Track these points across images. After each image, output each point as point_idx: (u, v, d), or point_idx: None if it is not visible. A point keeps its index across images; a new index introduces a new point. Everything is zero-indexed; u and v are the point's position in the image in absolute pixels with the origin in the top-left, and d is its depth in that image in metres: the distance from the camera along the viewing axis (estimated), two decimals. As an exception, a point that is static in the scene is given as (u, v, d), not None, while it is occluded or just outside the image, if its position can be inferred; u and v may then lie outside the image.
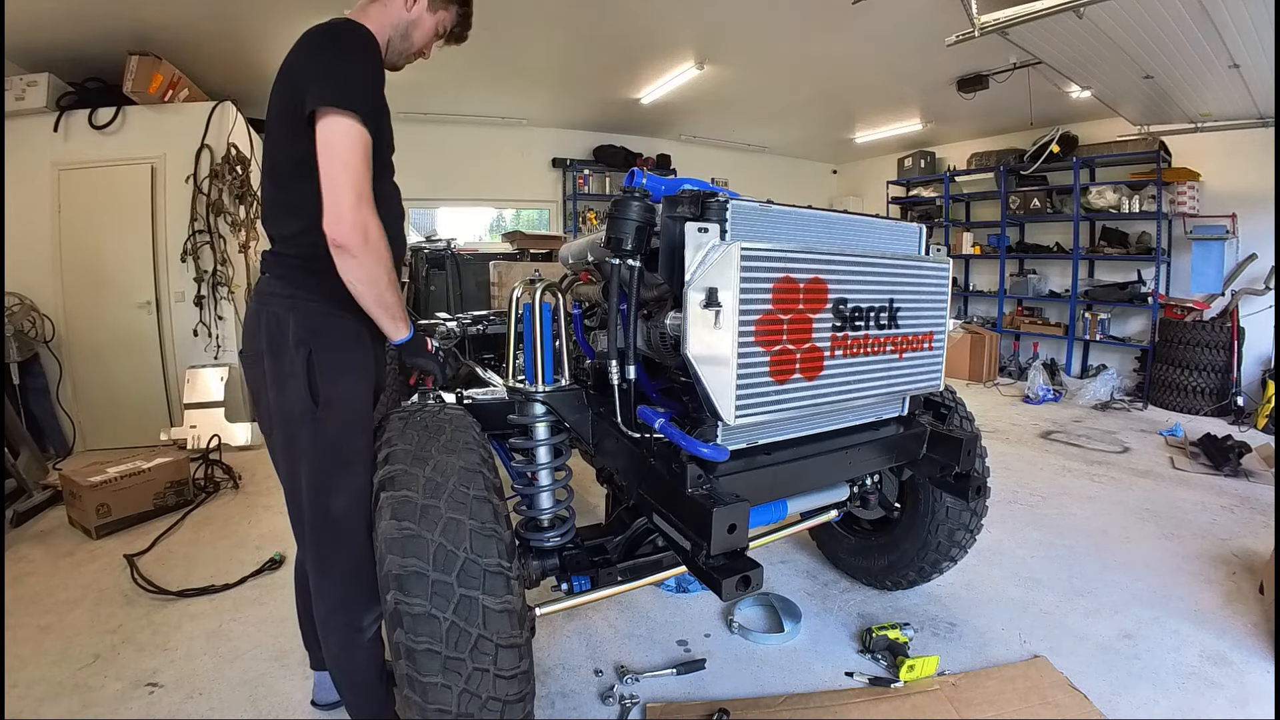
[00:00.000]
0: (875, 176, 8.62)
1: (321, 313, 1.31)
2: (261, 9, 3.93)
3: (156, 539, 2.84)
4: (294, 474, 1.35)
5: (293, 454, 1.33)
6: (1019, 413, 5.37)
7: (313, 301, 1.31)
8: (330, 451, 1.31)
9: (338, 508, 1.31)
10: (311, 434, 1.29)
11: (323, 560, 1.37)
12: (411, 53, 1.50)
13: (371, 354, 1.41)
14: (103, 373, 4.31)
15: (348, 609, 1.37)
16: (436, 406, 1.40)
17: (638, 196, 1.33)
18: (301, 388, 1.28)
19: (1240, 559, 2.59)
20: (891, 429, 1.67)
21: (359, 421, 1.35)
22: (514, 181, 7.40)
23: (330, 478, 1.31)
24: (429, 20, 1.47)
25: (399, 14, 1.42)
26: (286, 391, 1.30)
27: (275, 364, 1.31)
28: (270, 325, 1.31)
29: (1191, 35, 3.31)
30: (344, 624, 1.38)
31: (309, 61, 1.23)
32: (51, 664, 1.95)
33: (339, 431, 1.31)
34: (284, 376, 1.30)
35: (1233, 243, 5.39)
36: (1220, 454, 3.84)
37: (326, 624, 1.39)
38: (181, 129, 4.28)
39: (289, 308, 1.30)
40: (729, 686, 1.85)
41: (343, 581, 1.35)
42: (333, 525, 1.32)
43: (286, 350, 1.29)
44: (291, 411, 1.30)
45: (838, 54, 5.02)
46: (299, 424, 1.30)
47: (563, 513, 1.63)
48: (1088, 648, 2.02)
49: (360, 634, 1.39)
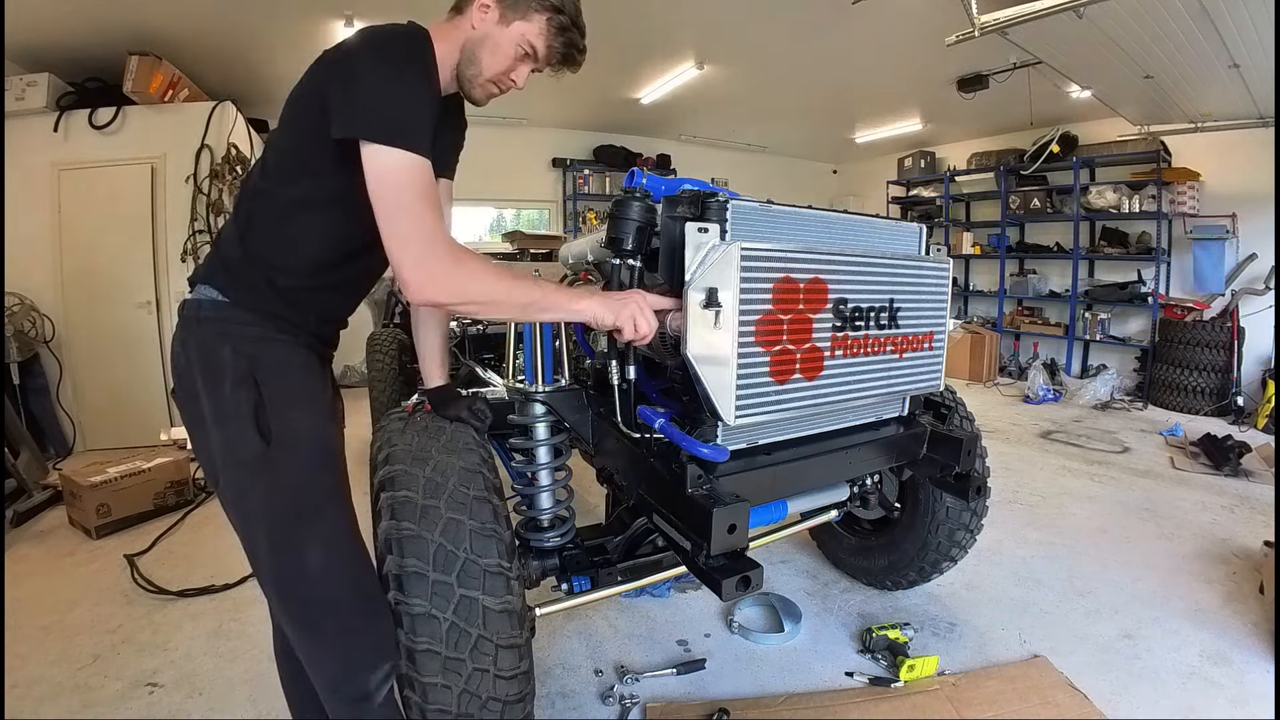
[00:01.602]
0: (875, 176, 8.62)
1: (257, 338, 1.12)
2: (262, 9, 3.93)
3: (156, 539, 2.84)
4: (250, 531, 1.12)
5: (245, 507, 1.11)
6: (1019, 413, 5.37)
7: (250, 326, 1.12)
8: (292, 499, 1.10)
9: (314, 563, 1.10)
10: (268, 481, 1.09)
11: (309, 626, 1.12)
12: (486, 79, 1.23)
13: (321, 380, 1.23)
14: (103, 373, 4.31)
15: (351, 678, 1.13)
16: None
17: (638, 196, 1.32)
18: (248, 427, 1.08)
19: (1240, 559, 2.59)
20: (892, 429, 1.67)
21: (321, 458, 1.15)
22: (514, 181, 7.40)
23: (297, 531, 1.10)
24: (503, 37, 1.19)
25: (465, 33, 1.20)
26: (229, 433, 1.09)
27: (213, 402, 1.10)
28: (203, 356, 1.11)
29: (1191, 35, 3.31)
30: (349, 696, 1.13)
31: (348, 77, 1.03)
32: (51, 664, 1.95)
33: (299, 473, 1.11)
34: (225, 416, 1.09)
35: (1233, 243, 5.39)
36: (1220, 454, 3.84)
37: (329, 701, 1.16)
38: (181, 129, 4.28)
39: (220, 335, 1.11)
40: (729, 686, 1.85)
41: (339, 644, 1.12)
42: (312, 585, 1.10)
43: (225, 384, 1.09)
44: (239, 457, 1.09)
45: (838, 54, 5.02)
46: (250, 471, 1.09)
47: (563, 513, 1.63)
48: (1088, 648, 2.02)
49: (369, 701, 1.14)
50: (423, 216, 1.00)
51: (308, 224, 1.16)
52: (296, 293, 1.17)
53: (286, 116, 1.15)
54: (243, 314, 1.13)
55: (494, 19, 1.19)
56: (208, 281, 1.16)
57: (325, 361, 1.28)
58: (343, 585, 1.12)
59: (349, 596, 1.12)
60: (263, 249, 1.15)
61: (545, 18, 1.19)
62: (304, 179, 1.13)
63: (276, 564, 1.11)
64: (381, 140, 0.99)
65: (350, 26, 4.19)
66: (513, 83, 1.27)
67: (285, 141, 1.15)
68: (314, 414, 1.17)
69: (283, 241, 1.15)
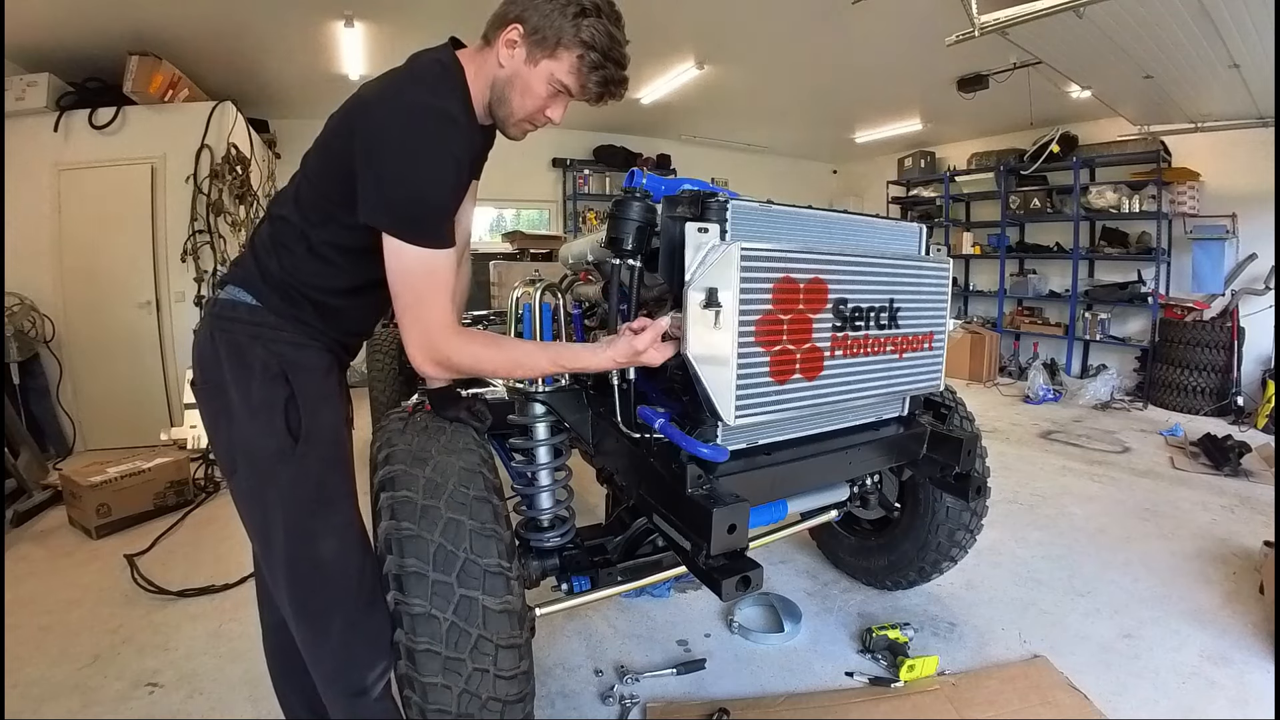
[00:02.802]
0: (875, 176, 8.62)
1: (291, 342, 1.18)
2: (262, 9, 3.93)
3: (156, 539, 2.84)
4: (267, 521, 1.16)
5: (265, 498, 1.15)
6: (1019, 413, 5.37)
7: (282, 331, 1.17)
8: (314, 491, 1.16)
9: (328, 552, 1.16)
10: (293, 473, 1.14)
11: (316, 617, 1.17)
12: (519, 119, 1.20)
13: (338, 384, 1.29)
14: (103, 373, 4.31)
15: (349, 672, 1.18)
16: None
17: (638, 196, 1.32)
18: (278, 421, 1.13)
19: (1240, 559, 2.59)
20: (892, 429, 1.67)
21: (340, 456, 1.22)
22: (514, 181, 7.39)
23: (314, 520, 1.16)
24: (532, 78, 1.13)
25: (493, 70, 1.16)
26: (258, 426, 1.13)
27: (243, 395, 1.14)
28: (232, 352, 1.15)
29: (1191, 35, 3.31)
30: (346, 690, 1.19)
31: (376, 160, 1.04)
32: (51, 664, 1.95)
33: (321, 468, 1.17)
34: (254, 409, 1.13)
35: (1233, 243, 5.39)
36: (1220, 454, 3.83)
37: (327, 694, 1.21)
38: (181, 129, 4.27)
39: (252, 336, 1.15)
40: (729, 686, 1.85)
41: (341, 638, 1.16)
42: (324, 574, 1.16)
43: (254, 379, 1.13)
44: (265, 448, 1.13)
45: (838, 54, 5.02)
46: (276, 462, 1.13)
47: (563, 513, 1.63)
48: (1088, 648, 2.02)
49: (366, 696, 1.20)
50: (433, 307, 1.09)
51: (339, 260, 1.20)
52: (327, 308, 1.23)
53: (321, 155, 1.17)
54: (275, 319, 1.18)
55: (521, 58, 1.13)
56: (243, 285, 1.20)
57: (344, 368, 1.34)
58: (350, 577, 1.18)
59: (355, 589, 1.18)
60: (297, 272, 1.19)
61: (576, 54, 1.12)
62: (335, 225, 1.16)
63: (292, 551, 1.15)
64: (401, 237, 1.05)
65: (350, 27, 4.18)
66: (549, 119, 1.22)
67: (320, 184, 1.16)
68: (336, 414, 1.24)
69: (315, 270, 1.20)
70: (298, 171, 1.23)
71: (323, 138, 1.17)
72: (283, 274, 1.18)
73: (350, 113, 1.11)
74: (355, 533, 1.22)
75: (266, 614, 1.40)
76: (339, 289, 1.22)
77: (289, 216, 1.19)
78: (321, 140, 1.17)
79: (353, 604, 1.17)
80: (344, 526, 1.19)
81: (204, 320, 1.22)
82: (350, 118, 1.10)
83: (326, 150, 1.15)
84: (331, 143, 1.14)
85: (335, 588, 1.16)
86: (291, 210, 1.19)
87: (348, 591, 1.17)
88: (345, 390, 1.36)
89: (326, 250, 1.18)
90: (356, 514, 1.24)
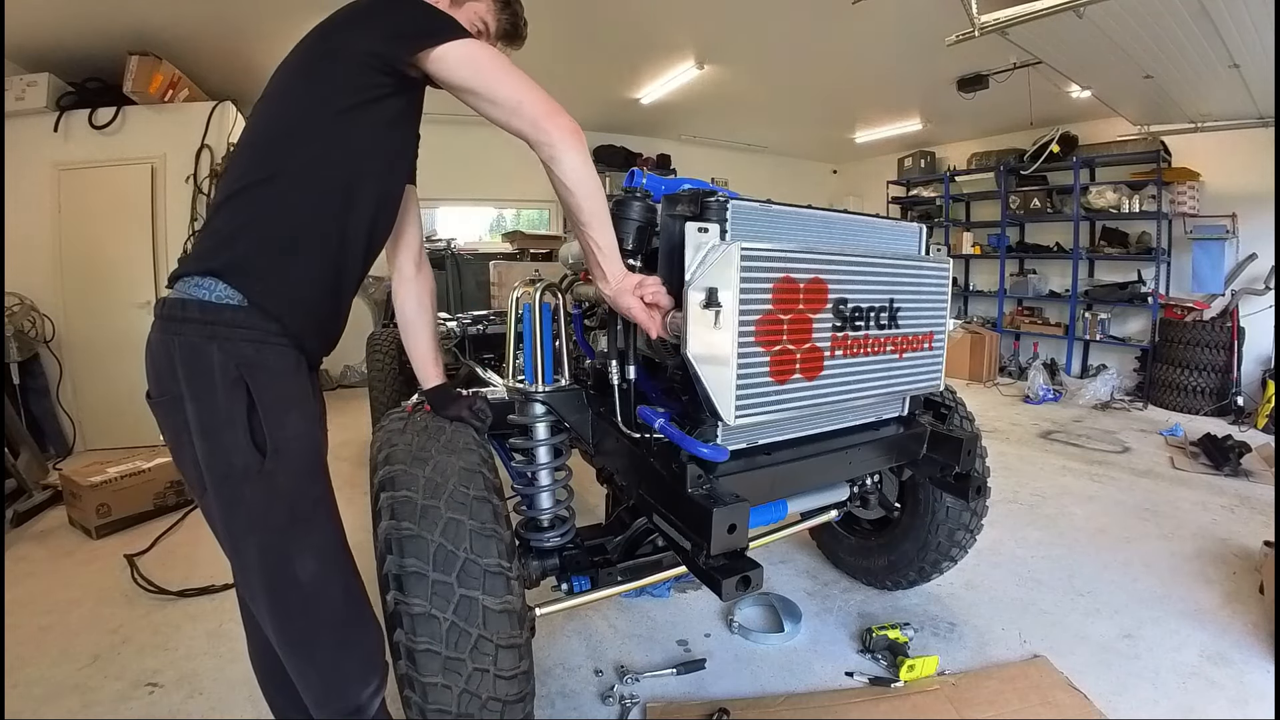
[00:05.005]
0: (875, 176, 8.61)
1: (252, 339, 1.06)
2: (261, 9, 3.93)
3: (157, 539, 2.84)
4: (240, 543, 1.09)
5: (235, 518, 1.07)
6: (1019, 413, 5.37)
7: (239, 327, 1.05)
8: (286, 509, 1.08)
9: (307, 573, 1.09)
10: (262, 492, 1.05)
11: (301, 641, 1.12)
12: None
13: (308, 383, 1.18)
14: (103, 373, 4.30)
15: (343, 692, 1.14)
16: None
17: (638, 196, 1.33)
18: (241, 436, 1.03)
19: (1240, 559, 2.59)
20: (891, 429, 1.67)
21: (312, 466, 1.13)
22: (514, 181, 7.38)
23: (290, 542, 1.08)
24: (460, 16, 1.23)
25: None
26: (221, 442, 1.04)
27: (201, 408, 1.04)
28: (188, 359, 1.04)
29: (1191, 35, 3.31)
30: (341, 712, 1.14)
31: (373, 11, 1.13)
32: (51, 664, 1.95)
33: (294, 482, 1.08)
34: (216, 424, 1.04)
35: (1233, 243, 5.40)
36: (1220, 454, 3.83)
37: (320, 716, 1.16)
38: (181, 129, 4.27)
39: (208, 337, 1.03)
40: (729, 686, 1.85)
41: (330, 659, 1.12)
42: (305, 595, 1.09)
43: (214, 390, 1.03)
44: (231, 466, 1.04)
45: (838, 54, 5.02)
46: (243, 481, 1.05)
47: (563, 513, 1.63)
48: (1088, 648, 2.02)
49: (361, 714, 1.16)
50: (526, 80, 1.12)
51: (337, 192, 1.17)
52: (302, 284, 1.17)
53: (318, 70, 1.15)
54: (230, 314, 1.08)
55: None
56: (200, 277, 1.11)
57: (313, 368, 1.24)
58: (334, 596, 1.13)
59: (340, 607, 1.14)
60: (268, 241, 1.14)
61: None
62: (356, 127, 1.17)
63: (269, 576, 1.09)
64: (446, 40, 1.10)
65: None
66: None
67: (322, 90, 1.16)
68: (305, 418, 1.14)
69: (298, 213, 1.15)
70: (247, 134, 1.18)
71: (301, 62, 1.14)
72: (242, 232, 1.10)
73: (325, 24, 1.15)
74: (336, 548, 1.15)
75: (248, 620, 1.31)
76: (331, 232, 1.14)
77: (267, 172, 1.11)
78: (300, 66, 1.14)
79: (340, 623, 1.13)
80: (323, 544, 1.13)
81: (155, 322, 1.10)
82: (329, 23, 1.14)
83: (327, 59, 1.12)
84: (319, 55, 1.13)
85: (320, 609, 1.11)
86: (271, 131, 1.14)
87: (334, 611, 1.13)
88: (318, 389, 1.25)
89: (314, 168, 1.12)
90: (336, 526, 1.17)
